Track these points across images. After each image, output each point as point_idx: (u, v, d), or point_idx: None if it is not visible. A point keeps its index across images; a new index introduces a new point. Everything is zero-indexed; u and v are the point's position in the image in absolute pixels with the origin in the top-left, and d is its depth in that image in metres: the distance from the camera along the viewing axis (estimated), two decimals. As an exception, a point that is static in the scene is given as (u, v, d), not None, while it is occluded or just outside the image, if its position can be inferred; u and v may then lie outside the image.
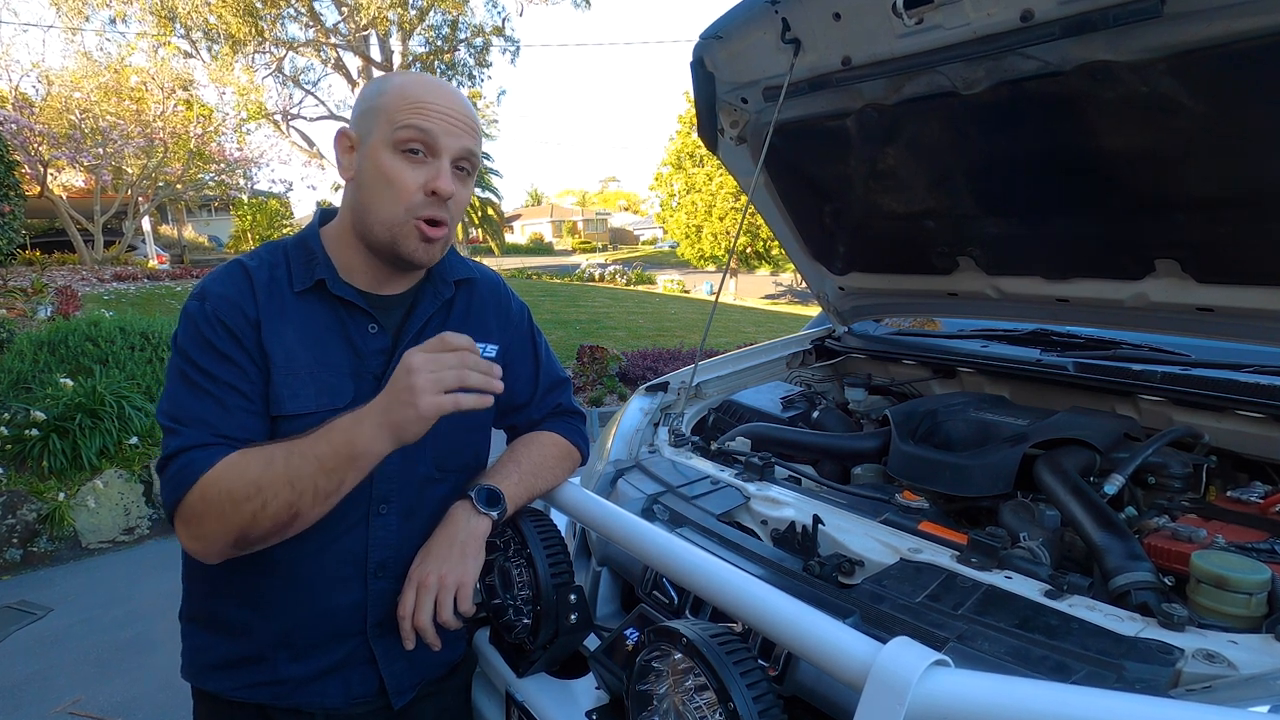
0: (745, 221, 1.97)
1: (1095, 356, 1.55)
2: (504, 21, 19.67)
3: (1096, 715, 0.53)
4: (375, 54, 18.69)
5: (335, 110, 20.51)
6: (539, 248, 45.28)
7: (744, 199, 1.82)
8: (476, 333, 1.07)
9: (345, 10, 17.28)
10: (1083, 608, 0.82)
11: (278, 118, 18.57)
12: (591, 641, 1.11)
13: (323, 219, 1.02)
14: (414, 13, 17.97)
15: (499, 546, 1.05)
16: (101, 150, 11.42)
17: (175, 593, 1.02)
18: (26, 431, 3.82)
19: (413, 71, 1.00)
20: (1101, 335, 1.69)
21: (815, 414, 1.73)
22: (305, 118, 20.90)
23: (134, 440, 4.11)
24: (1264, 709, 0.62)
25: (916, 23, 1.20)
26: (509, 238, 41.32)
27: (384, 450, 0.83)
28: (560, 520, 1.21)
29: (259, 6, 16.04)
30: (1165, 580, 0.90)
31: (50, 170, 11.62)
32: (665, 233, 28.25)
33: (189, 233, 22.02)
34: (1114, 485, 1.09)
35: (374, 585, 0.97)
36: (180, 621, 1.02)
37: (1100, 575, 0.93)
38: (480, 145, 0.97)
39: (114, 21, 15.88)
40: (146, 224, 15.95)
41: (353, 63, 19.06)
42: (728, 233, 21.18)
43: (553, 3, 18.99)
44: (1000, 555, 0.94)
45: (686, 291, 22.06)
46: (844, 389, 1.94)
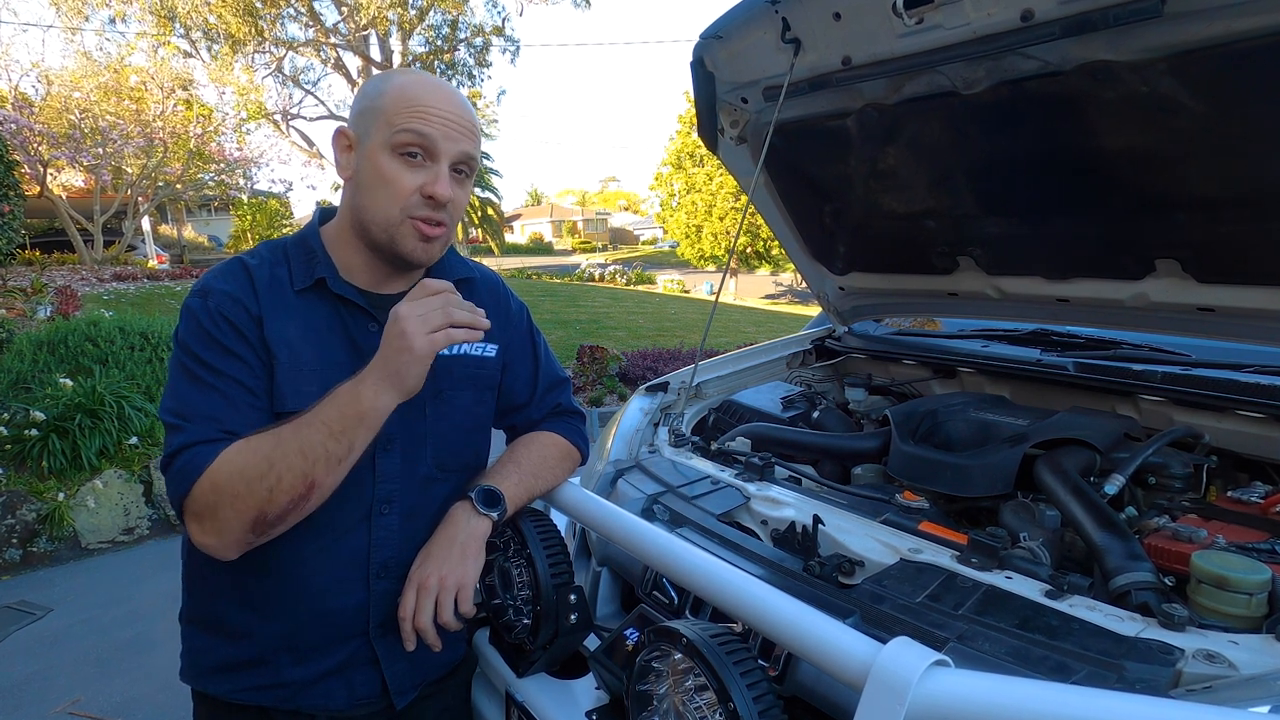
0: (745, 221, 1.96)
1: (1095, 356, 1.55)
2: (504, 21, 19.68)
3: (1097, 715, 0.53)
4: (375, 54, 18.68)
5: (335, 110, 20.52)
6: (539, 248, 45.29)
7: (744, 199, 1.82)
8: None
9: (345, 10, 17.28)
10: (1083, 608, 0.82)
11: (277, 117, 18.57)
12: (591, 641, 1.11)
13: (322, 218, 1.02)
14: (414, 12, 17.97)
15: (499, 547, 1.05)
16: (101, 150, 11.42)
17: (175, 593, 1.02)
18: (26, 431, 3.82)
19: (412, 70, 1.00)
20: (1102, 335, 1.69)
21: (815, 414, 1.73)
22: (305, 117, 20.92)
23: (134, 440, 4.10)
24: (1264, 709, 0.62)
25: (917, 22, 1.20)
26: (509, 238, 41.33)
27: (390, 404, 0.84)
28: (560, 520, 1.21)
29: (259, 6, 16.04)
30: (1166, 580, 0.90)
31: (50, 170, 11.61)
32: (665, 233, 28.27)
33: (189, 233, 22.01)
34: (1114, 485, 1.09)
35: (376, 586, 0.97)
36: (180, 624, 1.02)
37: (1100, 575, 0.93)
38: (479, 148, 0.97)
39: (114, 21, 15.89)
40: (146, 224, 15.95)
41: (352, 63, 19.08)
42: (728, 233, 21.18)
43: (553, 3, 19.00)
44: (1000, 555, 0.94)
45: (686, 291, 22.06)
46: (844, 389, 1.94)
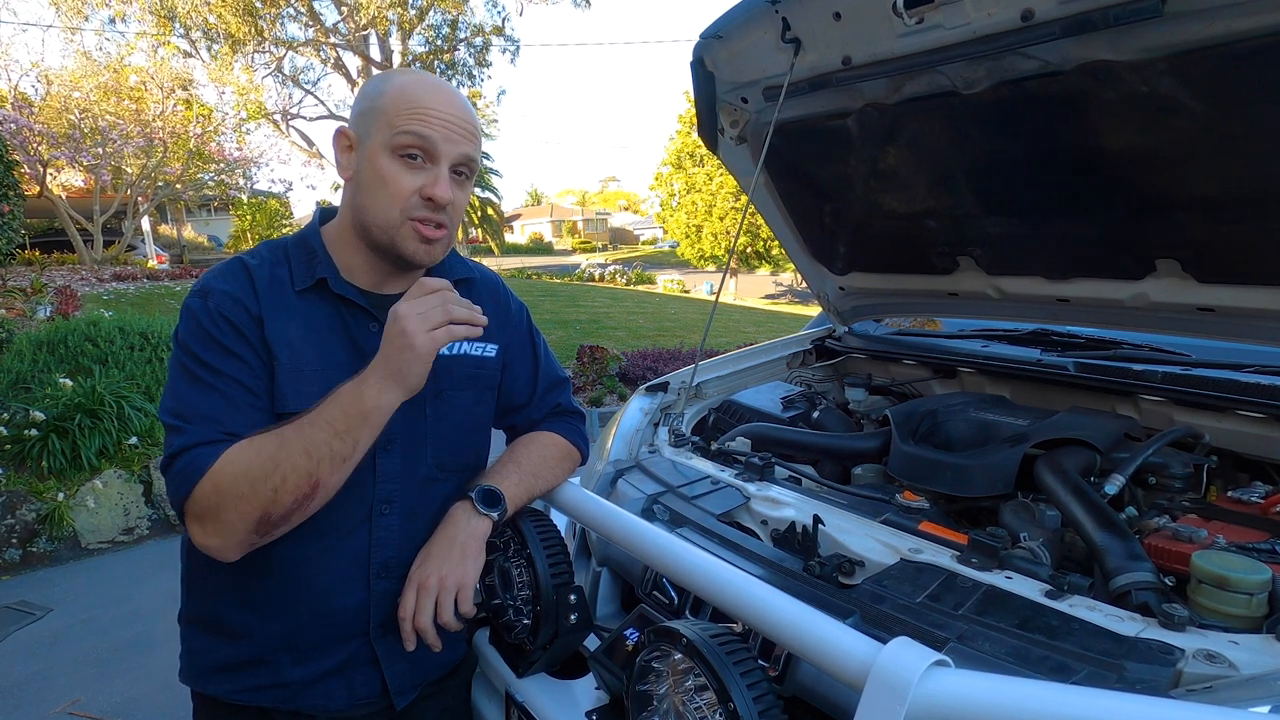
0: (745, 221, 1.96)
1: (1096, 356, 1.55)
2: (504, 21, 19.66)
3: (1097, 715, 0.53)
4: (375, 53, 18.67)
5: (335, 110, 20.50)
6: (539, 247, 45.29)
7: (744, 199, 1.82)
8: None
9: (345, 10, 17.27)
10: (1083, 608, 0.82)
11: (277, 117, 18.56)
12: (591, 642, 1.11)
13: (323, 218, 1.02)
14: (414, 12, 17.96)
15: (499, 547, 1.05)
16: (101, 150, 11.41)
17: (175, 593, 1.02)
18: (26, 431, 3.82)
19: (413, 71, 1.00)
20: (1102, 335, 1.69)
21: (815, 414, 1.73)
22: (305, 117, 20.89)
23: (133, 440, 4.10)
24: (1265, 709, 0.62)
25: (917, 22, 1.20)
26: (509, 237, 41.32)
27: (394, 402, 0.85)
28: (560, 520, 1.21)
29: (258, 6, 16.04)
30: (1166, 580, 0.90)
31: (49, 170, 11.61)
32: (665, 233, 28.27)
33: (188, 232, 22.01)
34: (1114, 485, 1.09)
35: (377, 586, 0.97)
36: (179, 624, 1.02)
37: (1101, 575, 0.93)
38: (480, 149, 0.97)
39: (113, 21, 15.88)
40: (146, 224, 15.94)
41: (352, 62, 19.07)
42: (728, 232, 21.18)
43: (552, 2, 18.99)
44: (1001, 555, 0.94)
45: (686, 291, 22.05)
46: (844, 389, 1.94)
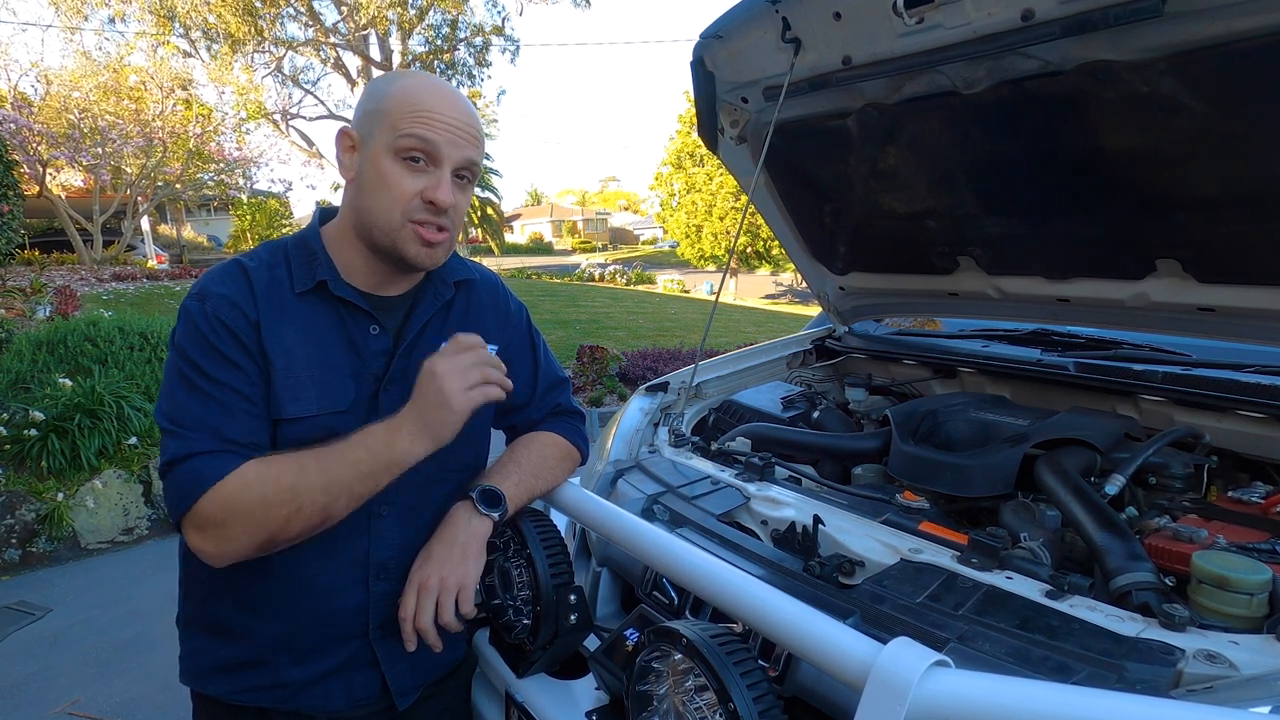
0: (745, 221, 1.96)
1: (1096, 356, 1.55)
2: (504, 21, 19.63)
3: (1097, 716, 0.53)
4: (375, 53, 18.66)
5: (335, 110, 20.49)
6: (539, 247, 45.30)
7: (744, 199, 1.82)
8: (476, 333, 1.06)
9: (345, 10, 17.26)
10: (1083, 608, 0.82)
11: (277, 117, 18.54)
12: (591, 642, 1.11)
13: (322, 218, 1.01)
14: (413, 12, 17.95)
15: (499, 547, 1.05)
16: (100, 150, 11.41)
17: (174, 593, 1.02)
18: (25, 431, 3.81)
19: (418, 72, 1.00)
20: (1102, 335, 1.68)
21: (815, 414, 1.73)
22: (305, 117, 20.85)
23: (133, 440, 4.10)
24: (1265, 709, 0.62)
25: (917, 22, 1.20)
26: (509, 237, 41.33)
27: (423, 453, 0.88)
28: (560, 520, 1.21)
29: (258, 6, 16.02)
30: (1166, 581, 0.90)
31: (49, 170, 11.61)
32: (665, 232, 28.27)
33: (188, 232, 22.01)
34: (1115, 485, 1.09)
35: (376, 587, 0.97)
36: (178, 625, 1.02)
37: (1101, 575, 0.93)
38: (482, 153, 0.97)
39: (113, 21, 15.87)
40: (145, 224, 15.94)
41: (352, 62, 19.05)
42: (728, 232, 21.18)
43: (552, 2, 18.99)
44: (1001, 555, 0.94)
45: (686, 291, 22.05)
46: (844, 389, 1.94)
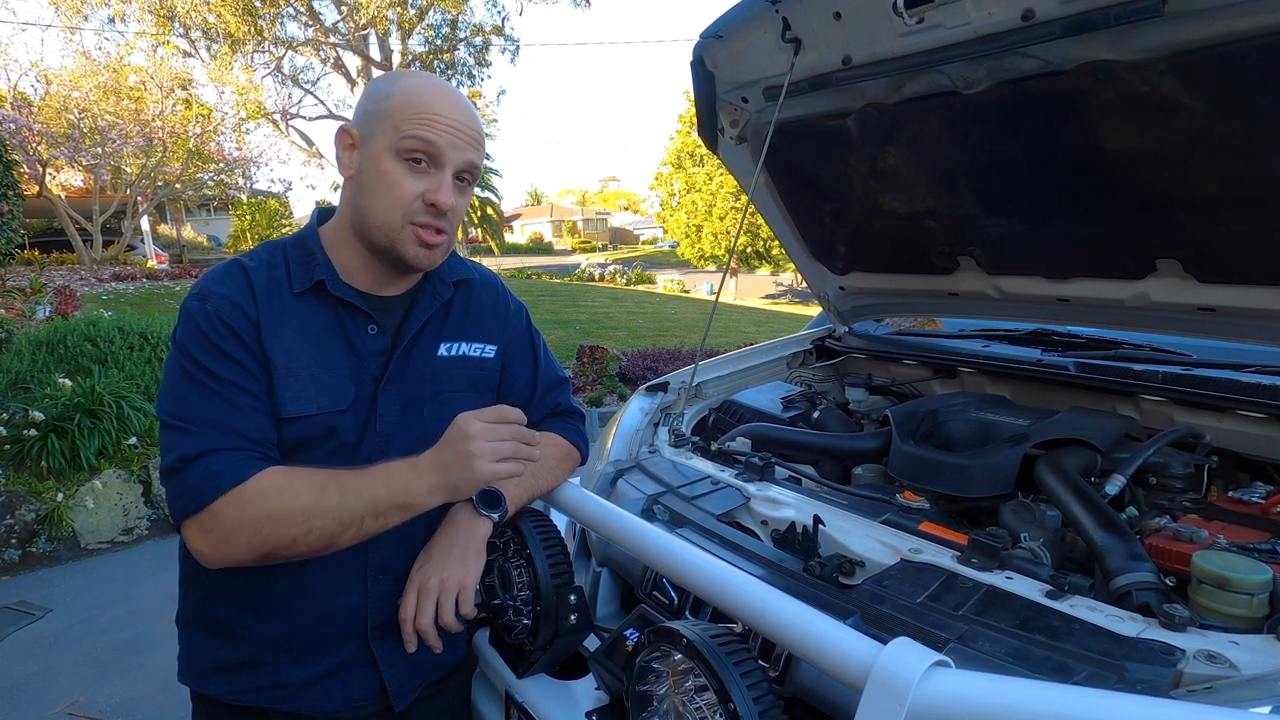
0: (745, 221, 1.96)
1: (1096, 356, 1.55)
2: (504, 21, 19.61)
3: (1098, 716, 0.53)
4: (374, 53, 18.64)
5: (334, 109, 20.47)
6: (539, 247, 45.31)
7: (744, 198, 1.82)
8: (475, 333, 1.06)
9: (344, 9, 17.25)
10: (1084, 608, 0.82)
11: (277, 117, 18.52)
12: (591, 642, 1.11)
13: (320, 218, 1.01)
14: (413, 12, 17.94)
15: (499, 547, 1.05)
16: (100, 150, 11.41)
17: (174, 593, 1.01)
18: (25, 432, 3.81)
19: (420, 73, 1.00)
20: (1103, 335, 1.68)
21: (815, 414, 1.73)
22: (304, 117, 20.82)
23: (133, 440, 4.10)
24: (1265, 710, 0.62)
25: (917, 22, 1.19)
26: (509, 237, 41.32)
27: (436, 504, 0.90)
28: (560, 520, 1.21)
29: (258, 5, 16.01)
30: (1167, 581, 0.90)
31: (49, 170, 11.60)
32: (665, 232, 28.27)
33: (188, 232, 22.01)
34: (1115, 485, 1.08)
35: (374, 588, 0.97)
36: (177, 625, 1.02)
37: (1101, 576, 0.93)
38: (482, 155, 0.97)
39: (112, 21, 15.85)
40: (145, 224, 15.93)
41: (352, 62, 19.03)
42: (728, 232, 21.18)
43: (552, 2, 18.98)
44: (1001, 556, 0.94)
45: (686, 291, 22.05)
46: (844, 389, 1.94)
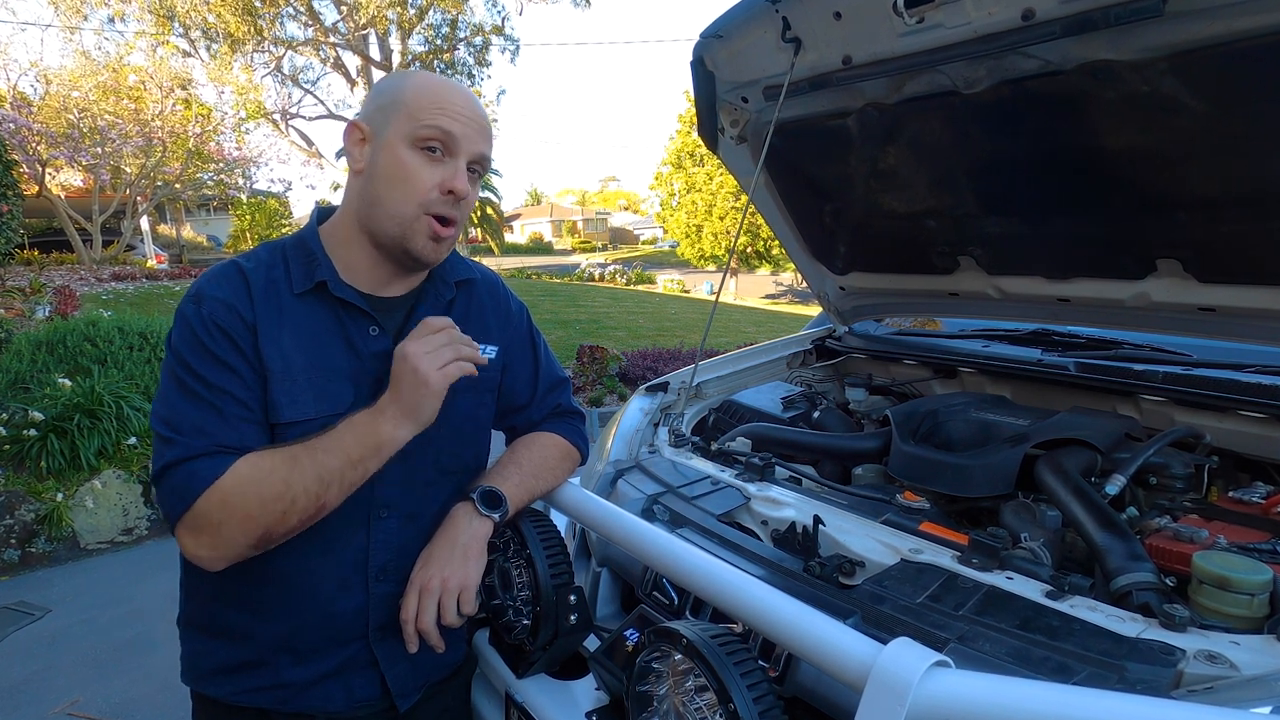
0: (745, 221, 1.96)
1: (1097, 356, 1.55)
2: (504, 20, 19.59)
3: (1098, 716, 0.53)
4: (374, 53, 18.64)
5: (334, 109, 20.46)
6: (539, 247, 45.30)
7: (744, 198, 1.82)
8: (476, 334, 1.06)
9: (344, 9, 17.25)
10: (1084, 608, 0.82)
11: (276, 117, 18.51)
12: (591, 642, 1.10)
13: (320, 218, 1.01)
14: (413, 11, 17.93)
15: (499, 547, 1.05)
16: (100, 149, 11.41)
17: (174, 593, 1.01)
18: (24, 432, 3.81)
19: (428, 72, 1.02)
20: (1103, 335, 1.68)
21: (816, 414, 1.73)
22: (304, 117, 20.77)
23: (132, 440, 4.10)
24: (1266, 710, 0.62)
25: (917, 22, 1.19)
26: (509, 237, 41.36)
27: (407, 436, 0.90)
28: (560, 520, 1.21)
29: (258, 5, 16.00)
30: (1167, 581, 0.90)
31: (48, 170, 11.61)
32: (665, 232, 28.26)
33: (187, 232, 22.01)
34: (1115, 486, 1.08)
35: (375, 589, 0.96)
36: (178, 626, 1.01)
37: (1102, 576, 0.93)
38: (492, 150, 0.98)
39: (112, 20, 15.84)
40: (145, 223, 15.94)
41: (352, 62, 19.02)
42: (728, 232, 21.18)
43: (552, 2, 18.97)
44: (1001, 556, 0.94)
45: (686, 291, 22.05)
46: (845, 389, 1.94)
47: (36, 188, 11.48)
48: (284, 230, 19.33)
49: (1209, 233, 1.25)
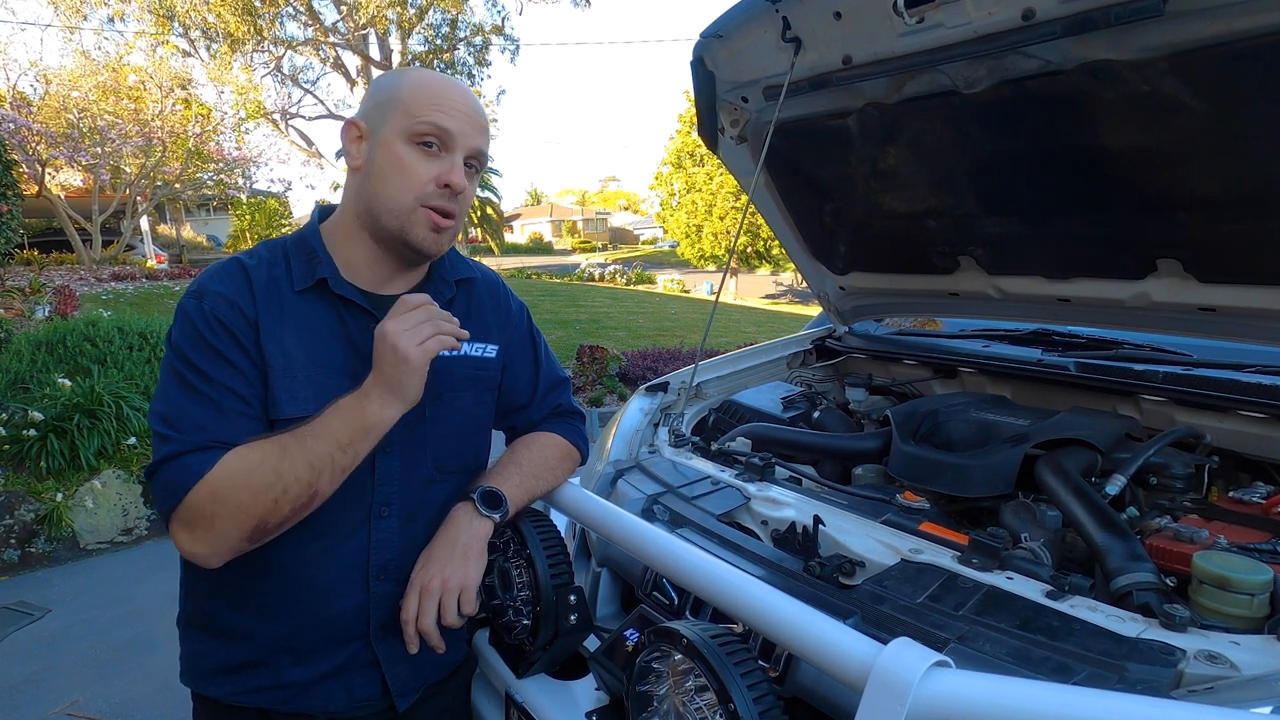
0: (745, 221, 1.96)
1: (1097, 356, 1.55)
2: (504, 20, 19.58)
3: (1098, 716, 0.53)
4: (374, 53, 18.63)
5: (334, 109, 20.44)
6: (539, 247, 45.31)
7: (744, 198, 1.82)
8: (476, 333, 1.06)
9: (344, 9, 17.24)
10: (1084, 609, 0.82)
11: (276, 117, 18.50)
12: (591, 642, 1.10)
13: (321, 216, 1.01)
14: (413, 11, 17.93)
15: (499, 547, 1.05)
16: (99, 149, 11.41)
17: (174, 593, 1.01)
18: (24, 432, 3.81)
19: (425, 69, 1.02)
20: (1103, 335, 1.68)
21: (816, 414, 1.73)
22: (304, 117, 20.72)
23: (132, 440, 4.10)
24: (1266, 710, 0.62)
25: (917, 21, 1.19)
26: (509, 237, 41.34)
27: (394, 416, 0.89)
28: (560, 520, 1.21)
29: (257, 5, 15.99)
30: (1167, 581, 0.90)
31: (48, 169, 11.61)
32: (665, 232, 28.27)
33: (187, 232, 22.01)
34: (1116, 486, 1.08)
35: (376, 588, 0.96)
36: (178, 627, 1.01)
37: (1102, 576, 0.93)
38: (489, 146, 0.98)
39: (112, 20, 15.83)
40: (145, 223, 15.94)
41: (351, 62, 19.00)
42: (728, 232, 21.19)
43: (552, 2, 18.96)
44: (1001, 556, 0.94)
45: (686, 291, 22.05)
46: (845, 389, 1.94)
47: (36, 188, 11.48)
48: (284, 230, 19.31)
49: (1209, 232, 1.25)
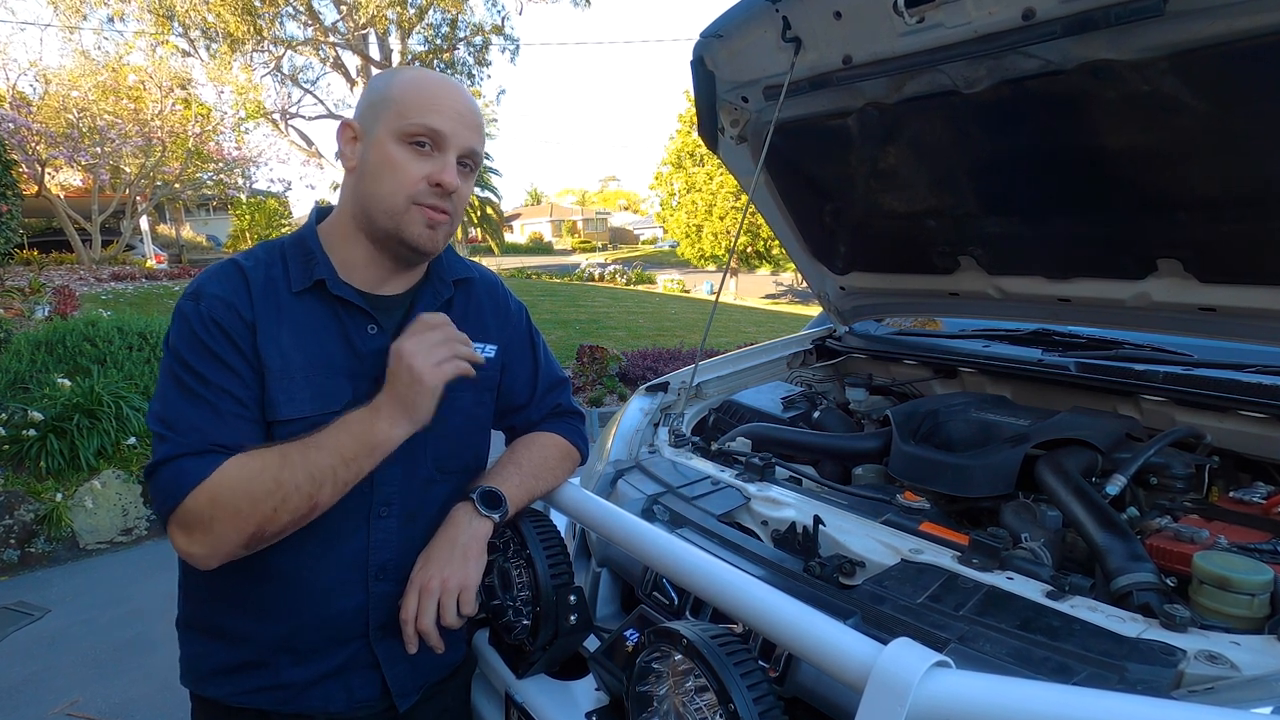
0: (745, 221, 1.96)
1: (1097, 356, 1.55)
2: (504, 20, 19.56)
3: (1098, 716, 0.53)
4: (374, 52, 18.62)
5: (334, 109, 20.42)
6: (538, 247, 45.34)
7: (744, 198, 1.82)
8: (475, 333, 1.06)
9: (344, 9, 17.23)
10: (1084, 609, 0.82)
11: (276, 117, 18.49)
12: (591, 642, 1.10)
13: (319, 217, 1.01)
14: (413, 11, 17.92)
15: (498, 547, 1.05)
16: (99, 149, 11.41)
17: (173, 594, 1.01)
18: (24, 432, 3.81)
19: (421, 68, 1.03)
20: (1103, 335, 1.68)
21: (816, 414, 1.73)
22: (304, 116, 20.71)
23: (132, 440, 4.09)
24: (1266, 710, 0.62)
25: (918, 21, 1.19)
26: (508, 237, 41.37)
27: (403, 435, 0.89)
28: (560, 520, 1.21)
29: (257, 5, 15.98)
30: (1167, 581, 0.90)
31: (48, 169, 11.60)
32: (665, 232, 28.28)
33: (187, 232, 22.01)
34: (1116, 486, 1.08)
35: (375, 589, 0.96)
36: (177, 628, 1.01)
37: (1102, 576, 0.93)
38: (483, 144, 0.98)
39: (111, 20, 15.82)
40: (144, 223, 15.94)
41: (351, 61, 18.99)
42: (728, 232, 21.19)
43: (552, 2, 18.96)
44: (1002, 556, 0.94)
45: (686, 291, 22.05)
46: (845, 389, 1.94)
47: (36, 187, 11.48)
48: (283, 230, 19.31)
49: (1210, 232, 1.25)
